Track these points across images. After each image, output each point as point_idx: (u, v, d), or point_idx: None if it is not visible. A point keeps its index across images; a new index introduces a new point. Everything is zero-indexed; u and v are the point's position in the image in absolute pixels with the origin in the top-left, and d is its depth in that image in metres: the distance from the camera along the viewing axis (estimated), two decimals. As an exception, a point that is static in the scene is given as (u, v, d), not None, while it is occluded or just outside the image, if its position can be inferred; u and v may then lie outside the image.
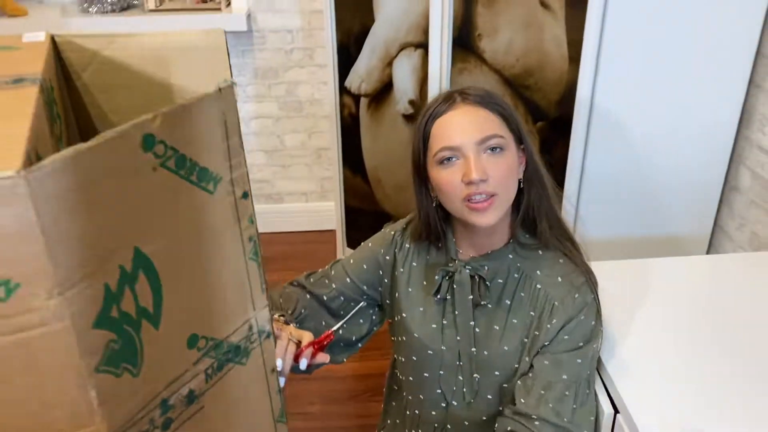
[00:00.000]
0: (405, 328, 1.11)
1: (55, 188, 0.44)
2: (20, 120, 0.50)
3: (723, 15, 1.35)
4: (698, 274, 1.31)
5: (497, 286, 1.05)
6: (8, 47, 0.68)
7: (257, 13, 2.26)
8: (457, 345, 1.07)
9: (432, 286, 1.08)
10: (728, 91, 1.43)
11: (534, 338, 1.02)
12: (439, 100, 1.01)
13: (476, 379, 1.06)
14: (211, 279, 0.62)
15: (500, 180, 0.96)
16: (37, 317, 0.46)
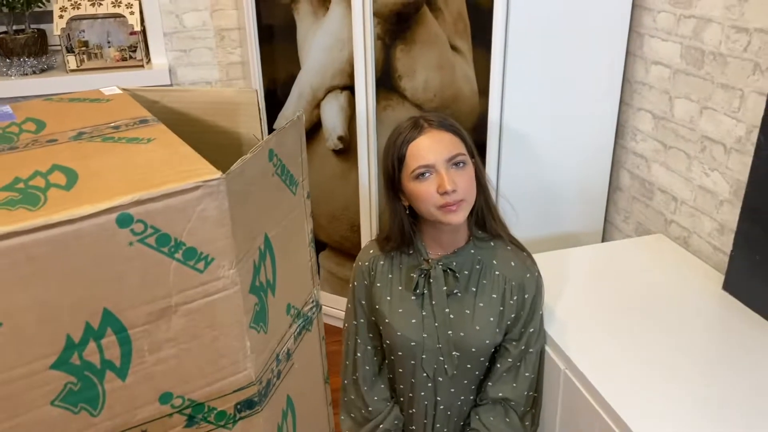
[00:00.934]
0: (389, 331, 1.29)
1: (236, 186, 0.63)
2: (180, 145, 0.67)
3: (597, 52, 1.69)
4: (599, 258, 1.62)
5: (464, 277, 1.26)
6: (97, 99, 0.84)
7: (177, 67, 2.40)
8: (435, 330, 1.26)
9: (409, 287, 1.28)
10: (606, 110, 1.77)
11: (500, 314, 1.25)
12: (408, 127, 1.21)
13: (456, 356, 1.27)
14: (299, 259, 0.81)
15: (465, 188, 1.18)
16: (221, 284, 0.64)
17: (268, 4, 2.01)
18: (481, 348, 1.26)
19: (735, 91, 1.42)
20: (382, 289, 1.31)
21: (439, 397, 1.31)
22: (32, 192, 0.57)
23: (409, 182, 1.20)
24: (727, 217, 1.49)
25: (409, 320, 1.28)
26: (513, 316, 1.27)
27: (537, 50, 1.64)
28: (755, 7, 1.34)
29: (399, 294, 1.29)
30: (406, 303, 1.28)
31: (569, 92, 1.70)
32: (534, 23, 1.59)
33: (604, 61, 1.71)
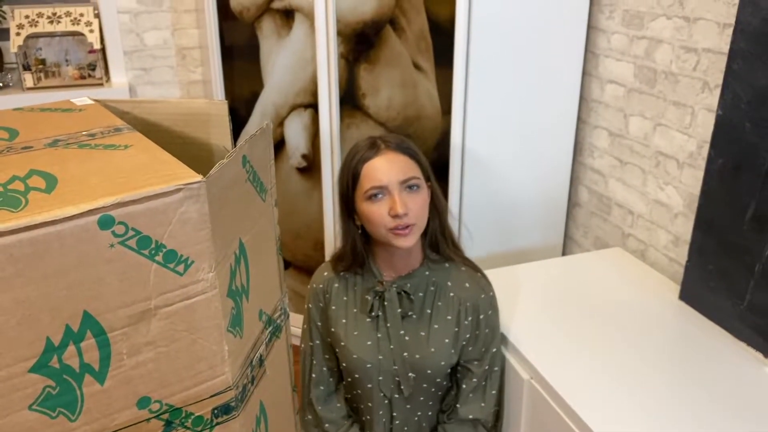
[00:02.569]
0: (345, 354, 1.29)
1: (214, 190, 0.63)
2: (158, 150, 0.68)
3: (555, 72, 1.75)
4: (559, 271, 1.66)
5: (419, 299, 1.28)
6: (68, 109, 0.84)
7: (137, 86, 2.39)
8: (391, 352, 1.27)
9: (364, 309, 1.28)
10: (564, 128, 1.83)
11: (455, 335, 1.27)
12: (365, 146, 1.22)
13: (412, 377, 1.28)
14: (268, 266, 0.81)
15: (417, 212, 1.19)
16: (201, 287, 0.64)
17: (231, 24, 2.02)
18: (437, 369, 1.27)
19: (686, 108, 1.49)
20: (337, 312, 1.31)
21: (395, 413, 1.32)
22: (12, 195, 0.57)
23: (362, 202, 1.21)
24: (682, 230, 1.55)
25: (364, 342, 1.28)
26: (468, 336, 1.28)
27: (497, 69, 1.69)
28: (702, 29, 1.42)
29: (354, 316, 1.30)
30: (362, 325, 1.29)
31: (529, 111, 1.75)
32: (494, 43, 1.64)
33: (562, 81, 1.77)
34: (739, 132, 1.28)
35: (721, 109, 1.32)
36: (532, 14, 1.64)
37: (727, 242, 1.34)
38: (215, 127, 0.90)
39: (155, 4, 2.29)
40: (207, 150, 0.90)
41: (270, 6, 1.89)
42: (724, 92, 1.30)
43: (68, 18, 2.21)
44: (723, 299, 1.36)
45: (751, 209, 1.28)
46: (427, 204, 1.23)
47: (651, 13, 1.55)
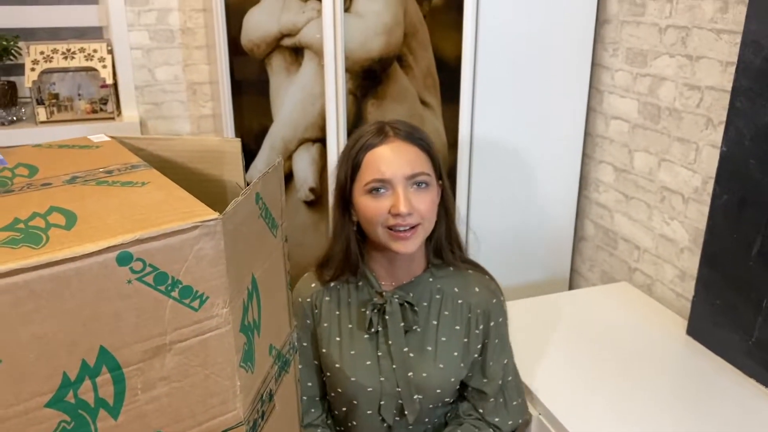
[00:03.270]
0: (340, 378, 1.13)
1: (230, 227, 0.65)
2: (174, 188, 0.70)
3: (560, 108, 1.77)
4: (566, 306, 1.66)
5: (423, 310, 1.12)
6: (86, 146, 0.86)
7: (148, 120, 2.43)
8: (393, 373, 1.11)
9: (361, 325, 1.12)
10: (569, 162, 1.85)
11: (465, 346, 1.13)
12: (371, 132, 1.07)
13: (417, 399, 1.12)
14: (278, 300, 0.82)
15: (424, 213, 1.04)
16: (215, 322, 0.65)
17: (242, 60, 2.06)
18: (446, 387, 1.14)
19: (690, 144, 1.51)
20: (329, 329, 1.15)
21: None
22: (34, 232, 0.59)
23: (360, 196, 1.06)
24: (688, 264, 1.55)
25: (363, 363, 1.12)
26: (479, 347, 1.16)
27: (503, 105, 1.72)
28: (705, 67, 1.44)
29: (349, 333, 1.14)
30: (359, 343, 1.13)
31: (534, 145, 1.78)
32: (500, 80, 1.67)
33: (567, 117, 1.79)
34: (744, 168, 1.30)
35: (725, 145, 1.33)
36: (536, 51, 1.67)
37: (733, 277, 1.34)
38: (228, 164, 0.92)
39: (167, 41, 2.34)
40: (220, 186, 0.91)
41: (280, 43, 1.93)
42: (728, 129, 1.32)
43: (82, 54, 2.25)
44: (730, 334, 1.36)
45: (756, 245, 1.28)
46: (435, 205, 1.09)
47: (654, 51, 1.58)
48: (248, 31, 1.98)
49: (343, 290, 1.16)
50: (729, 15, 1.37)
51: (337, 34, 1.74)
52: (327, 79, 1.83)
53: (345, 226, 1.11)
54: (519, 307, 1.62)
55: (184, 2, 2.30)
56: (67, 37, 2.32)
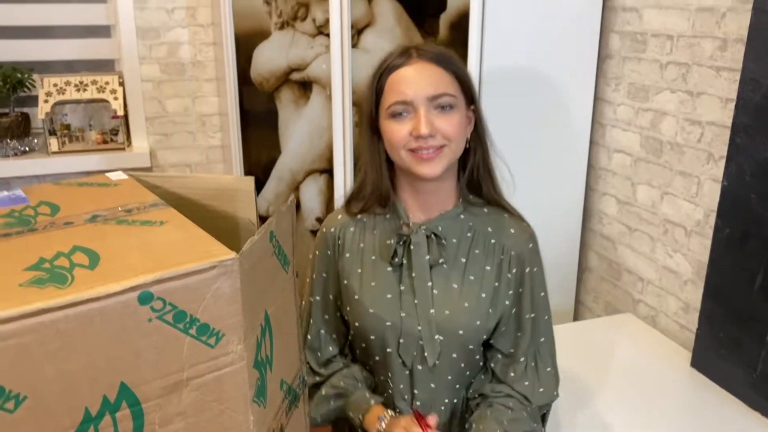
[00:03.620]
0: (359, 311, 1.08)
1: (246, 266, 0.67)
2: (192, 227, 0.72)
3: (564, 141, 1.81)
4: (571, 337, 1.67)
5: (452, 246, 1.05)
6: (104, 184, 0.89)
7: (158, 150, 2.46)
8: (415, 309, 1.04)
9: (385, 256, 1.07)
10: (573, 195, 1.87)
11: (494, 290, 1.05)
12: (395, 54, 1.02)
13: (438, 340, 1.04)
14: (289, 335, 0.84)
15: (449, 135, 0.98)
16: (230, 359, 0.67)
17: (251, 93, 2.10)
18: (470, 331, 1.05)
19: (692, 178, 1.53)
20: (351, 260, 1.10)
21: (416, 390, 1.10)
22: (59, 272, 0.61)
23: (384, 120, 1.02)
24: (691, 297, 1.57)
25: (383, 296, 1.06)
26: (511, 293, 1.07)
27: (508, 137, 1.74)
28: (706, 103, 1.47)
29: (372, 264, 1.08)
30: (381, 275, 1.07)
31: (538, 177, 1.80)
32: (505, 113, 1.71)
33: (570, 149, 1.82)
34: (745, 203, 1.32)
35: (726, 180, 1.36)
36: (540, 85, 1.71)
37: (736, 311, 1.36)
38: (242, 201, 0.95)
39: (178, 73, 2.39)
40: (233, 222, 0.94)
41: (289, 77, 1.97)
42: (729, 164, 1.35)
43: (94, 86, 2.30)
44: (735, 367, 1.37)
45: (759, 279, 1.30)
46: (464, 128, 1.03)
47: (655, 86, 1.61)
48: (258, 65, 2.03)
49: (369, 222, 1.10)
50: (728, 53, 1.41)
51: (344, 68, 1.79)
52: (334, 112, 1.87)
53: (374, 156, 1.06)
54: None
55: (194, 36, 2.35)
56: (80, 69, 2.37)
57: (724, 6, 1.40)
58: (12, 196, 0.83)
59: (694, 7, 1.48)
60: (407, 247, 1.06)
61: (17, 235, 0.71)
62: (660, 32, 1.58)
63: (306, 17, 1.85)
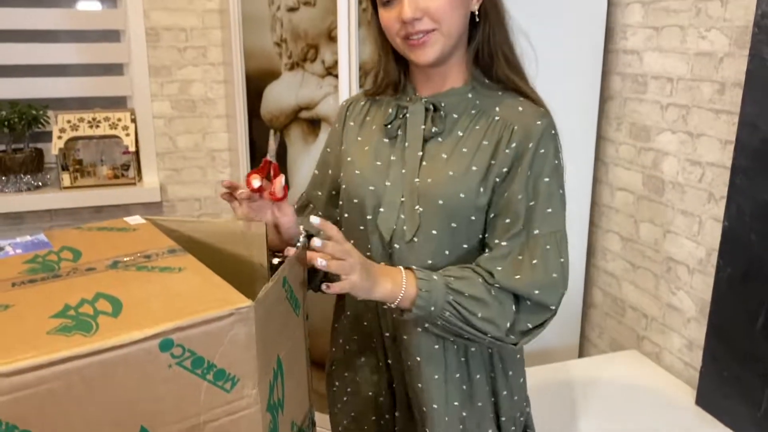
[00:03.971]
0: (349, 172, 1.06)
1: (261, 313, 0.70)
2: (209, 274, 0.75)
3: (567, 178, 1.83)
4: (576, 374, 1.68)
5: (452, 120, 1.00)
6: (123, 228, 0.92)
7: (168, 185, 2.51)
8: (401, 179, 1.01)
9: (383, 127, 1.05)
10: (577, 231, 1.90)
11: (488, 165, 0.96)
12: None
13: (418, 211, 0.99)
14: (300, 377, 0.87)
15: (438, 15, 0.92)
16: (245, 402, 0.69)
17: (260, 129, 2.15)
18: (451, 202, 0.97)
19: (694, 217, 1.56)
20: (353, 129, 1.10)
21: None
22: (84, 319, 0.64)
23: (379, 8, 0.99)
24: (695, 334, 1.58)
25: (373, 161, 1.04)
26: (505, 170, 0.96)
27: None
28: (706, 144, 1.51)
29: (371, 134, 1.08)
30: (376, 143, 1.06)
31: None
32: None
33: (574, 187, 1.85)
34: (746, 243, 1.34)
35: (727, 220, 1.38)
36: (544, 127, 1.75)
37: (740, 350, 1.37)
38: (253, 245, 0.98)
39: (188, 110, 2.44)
40: (247, 266, 0.97)
41: (298, 116, 2.02)
42: (729, 205, 1.38)
43: (107, 122, 2.35)
44: (739, 406, 1.38)
45: (761, 318, 1.32)
46: (459, 5, 0.95)
47: (657, 127, 1.65)
48: (268, 103, 2.07)
49: (382, 100, 1.09)
50: (726, 96, 1.44)
51: (352, 108, 1.83)
52: (342, 150, 1.90)
53: (381, 43, 1.03)
54: (529, 374, 1.64)
55: (205, 74, 2.41)
56: (93, 105, 2.43)
57: (721, 51, 1.45)
58: (35, 240, 0.87)
59: (693, 51, 1.52)
60: (404, 118, 1.03)
61: (42, 281, 0.74)
62: (660, 75, 1.63)
63: (315, 58, 1.90)
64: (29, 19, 2.27)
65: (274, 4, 1.93)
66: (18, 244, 0.86)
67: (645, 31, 1.67)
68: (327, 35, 1.85)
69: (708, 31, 1.48)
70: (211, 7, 2.35)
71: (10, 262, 0.80)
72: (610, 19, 1.77)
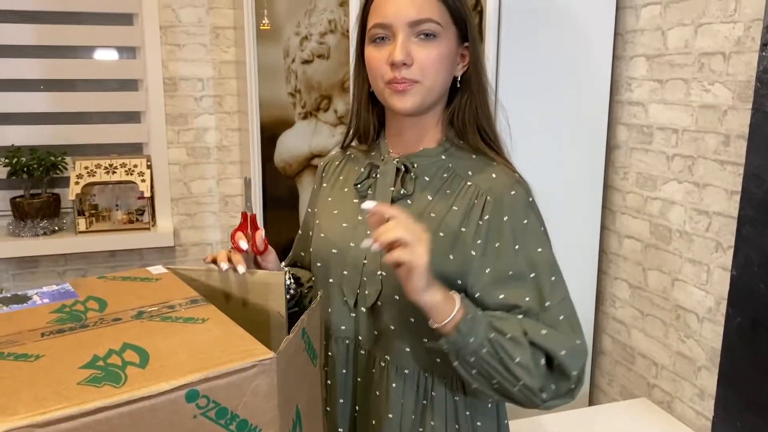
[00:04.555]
0: (315, 233, 1.06)
1: (282, 364, 0.72)
2: (232, 325, 0.78)
3: (575, 227, 1.86)
4: (587, 423, 1.68)
5: (422, 183, 0.98)
6: (146, 278, 0.95)
7: (181, 230, 2.55)
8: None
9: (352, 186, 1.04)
10: (585, 279, 1.92)
11: (457, 234, 0.93)
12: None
13: (380, 276, 0.96)
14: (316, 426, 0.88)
15: (426, 68, 0.92)
16: (265, 452, 0.71)
17: (273, 176, 2.19)
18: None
19: (702, 265, 1.58)
20: (327, 190, 1.10)
21: (360, 336, 1.02)
22: (112, 370, 0.66)
23: (366, 47, 0.97)
24: (706, 383, 1.59)
25: (339, 224, 1.03)
26: (480, 243, 0.93)
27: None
28: (712, 194, 1.53)
29: (341, 196, 1.06)
30: (345, 206, 1.04)
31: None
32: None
33: (582, 234, 1.87)
34: (754, 292, 1.36)
35: (735, 270, 1.40)
36: (552, 174, 1.78)
37: (752, 399, 1.38)
38: (272, 294, 1.00)
39: (203, 157, 2.49)
40: (265, 314, 0.99)
41: (310, 163, 2.06)
42: (737, 254, 1.40)
43: (123, 169, 2.41)
44: (752, 457, 1.38)
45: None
46: (448, 65, 0.95)
47: (663, 176, 1.68)
48: (281, 151, 2.12)
49: (357, 157, 1.08)
50: (731, 148, 1.48)
51: (364, 157, 1.87)
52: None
53: (359, 88, 1.02)
54: (539, 423, 1.65)
55: (221, 122, 2.47)
56: (110, 151, 2.48)
57: (725, 104, 1.49)
58: (61, 290, 0.90)
59: (697, 104, 1.56)
60: (375, 178, 1.01)
61: (70, 332, 0.77)
62: (665, 126, 1.67)
63: (328, 108, 1.96)
64: (51, 68, 2.35)
65: (289, 56, 2.00)
66: (45, 293, 0.89)
67: (650, 84, 1.71)
68: (340, 86, 1.91)
69: (711, 84, 1.52)
70: (228, 59, 2.42)
71: (38, 311, 0.83)
72: (615, 71, 1.82)
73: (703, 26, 1.54)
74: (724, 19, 1.48)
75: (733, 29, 1.46)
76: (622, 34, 1.80)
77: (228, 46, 2.41)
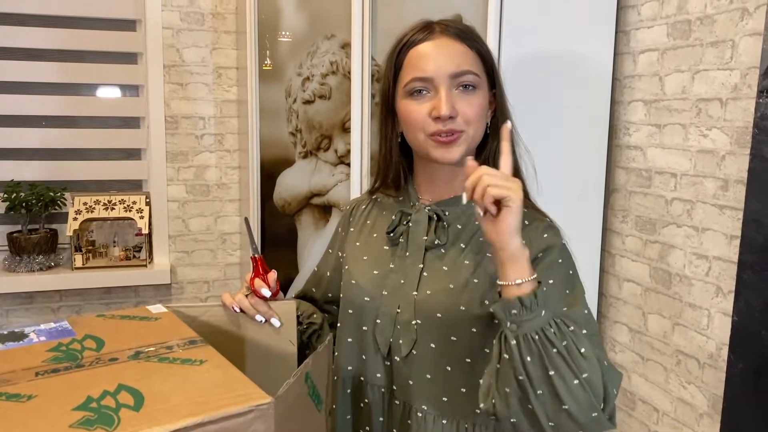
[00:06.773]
0: (346, 281, 1.05)
1: (280, 409, 0.71)
2: (229, 367, 0.76)
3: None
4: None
5: (455, 231, 0.99)
6: (145, 317, 0.94)
7: (178, 267, 2.53)
8: (399, 289, 0.98)
9: (384, 233, 1.03)
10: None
11: (490, 279, 0.93)
12: (416, 29, 0.97)
13: (416, 325, 0.95)
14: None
15: (469, 119, 0.93)
16: (263, 498, 0.69)
17: (272, 214, 2.19)
18: (450, 316, 0.93)
19: (702, 310, 1.57)
20: (354, 234, 1.09)
21: (395, 386, 1.00)
22: (106, 412, 0.65)
23: (401, 99, 0.97)
24: (708, 430, 1.56)
25: (370, 271, 1.02)
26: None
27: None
28: (711, 239, 1.53)
29: (371, 241, 1.06)
30: (376, 251, 1.04)
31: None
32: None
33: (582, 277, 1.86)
34: (756, 338, 1.35)
35: (737, 315, 1.39)
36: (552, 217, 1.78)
37: (754, 448, 1.35)
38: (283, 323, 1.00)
39: (202, 194, 2.50)
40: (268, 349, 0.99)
41: (310, 201, 2.07)
42: (738, 299, 1.39)
43: (122, 205, 2.41)
44: (756, 508, 1.35)
45: (774, 416, 1.31)
46: (485, 112, 0.97)
47: (662, 220, 1.68)
48: (281, 190, 2.13)
49: (385, 203, 1.08)
50: (730, 193, 1.48)
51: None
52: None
53: (388, 137, 1.02)
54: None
55: (221, 160, 2.48)
56: (110, 187, 2.48)
57: (723, 149, 1.50)
58: (59, 328, 0.88)
59: (695, 149, 1.57)
60: (407, 226, 1.01)
61: (65, 371, 0.75)
62: (664, 170, 1.68)
63: (329, 148, 1.97)
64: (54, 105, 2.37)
65: (290, 96, 2.02)
66: (42, 331, 0.87)
67: (648, 128, 1.73)
68: (341, 126, 1.92)
69: (709, 130, 1.53)
70: (230, 98, 2.45)
71: (34, 350, 0.82)
72: (614, 116, 1.84)
73: (700, 72, 1.56)
74: (721, 66, 1.50)
75: (729, 76, 1.48)
76: (620, 80, 1.82)
77: (230, 85, 2.44)
